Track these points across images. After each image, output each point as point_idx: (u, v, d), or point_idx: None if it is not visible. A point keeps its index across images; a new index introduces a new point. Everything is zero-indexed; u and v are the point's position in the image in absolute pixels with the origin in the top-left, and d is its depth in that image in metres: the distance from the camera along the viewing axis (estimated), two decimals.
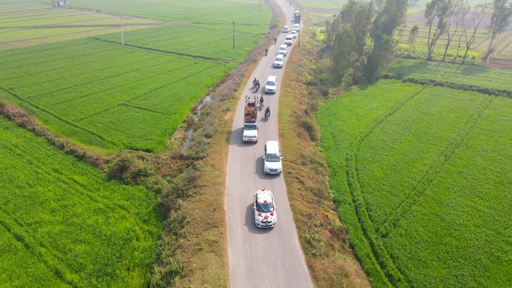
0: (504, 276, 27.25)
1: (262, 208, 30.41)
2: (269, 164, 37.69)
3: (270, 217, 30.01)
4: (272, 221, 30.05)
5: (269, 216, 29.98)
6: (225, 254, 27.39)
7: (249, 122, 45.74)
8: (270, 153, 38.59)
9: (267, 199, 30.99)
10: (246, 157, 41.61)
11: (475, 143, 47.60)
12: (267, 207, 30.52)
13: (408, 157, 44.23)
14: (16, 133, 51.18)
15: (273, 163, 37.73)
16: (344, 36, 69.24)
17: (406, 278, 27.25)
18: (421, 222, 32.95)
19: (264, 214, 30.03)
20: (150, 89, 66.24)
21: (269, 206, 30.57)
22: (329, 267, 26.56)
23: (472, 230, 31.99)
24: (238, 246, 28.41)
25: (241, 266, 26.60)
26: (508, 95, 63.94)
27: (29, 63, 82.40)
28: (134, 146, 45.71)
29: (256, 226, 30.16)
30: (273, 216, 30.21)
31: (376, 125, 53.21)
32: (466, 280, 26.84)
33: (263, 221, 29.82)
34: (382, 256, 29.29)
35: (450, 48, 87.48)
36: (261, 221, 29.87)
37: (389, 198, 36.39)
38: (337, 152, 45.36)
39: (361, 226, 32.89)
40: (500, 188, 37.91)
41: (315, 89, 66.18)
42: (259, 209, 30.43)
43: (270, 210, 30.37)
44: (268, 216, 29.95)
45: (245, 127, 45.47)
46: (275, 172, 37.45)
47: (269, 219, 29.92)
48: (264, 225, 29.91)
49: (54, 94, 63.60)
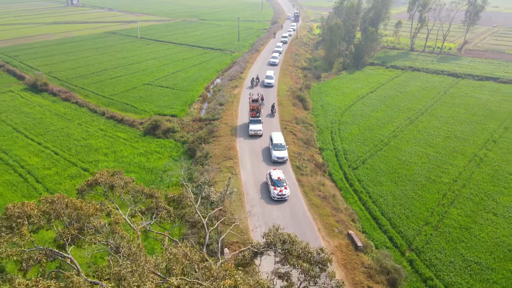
0: (435, 189, 38.53)
1: (276, 183, 34.38)
2: (276, 153, 40.75)
3: (285, 191, 33.99)
4: (286, 194, 34.00)
5: (283, 190, 33.97)
6: (239, 174, 38.79)
7: (254, 117, 48.52)
8: (276, 143, 41.52)
9: (280, 176, 35.14)
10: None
11: (436, 112, 58.90)
12: (280, 182, 34.43)
13: (381, 121, 55.52)
14: (62, 105, 62.67)
15: (280, 151, 40.87)
16: (335, 28, 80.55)
17: (366, 191, 38.54)
18: (383, 161, 44.23)
19: (278, 188, 34.00)
20: (168, 73, 77.70)
21: (283, 182, 34.55)
22: (312, 181, 37.96)
23: (419, 165, 43.30)
24: (247, 170, 39.83)
25: (250, 181, 37.98)
26: (472, 78, 75.20)
27: (59, 53, 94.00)
28: (162, 112, 57.15)
29: (272, 199, 34.30)
30: (286, 190, 34.09)
31: (358, 100, 64.48)
32: (408, 192, 38.13)
33: (279, 194, 33.76)
34: (351, 180, 40.61)
35: (430, 40, 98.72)
36: (277, 194, 33.82)
37: (361, 147, 47.68)
38: (325, 118, 56.70)
39: (338, 163, 44.25)
40: (447, 141, 49.20)
41: (309, 73, 77.45)
42: (273, 184, 34.39)
43: (283, 185, 34.27)
44: (282, 190, 33.94)
45: (250, 121, 48.31)
46: (282, 160, 40.68)
47: (283, 192, 33.91)
48: (279, 197, 33.70)
49: (88, 77, 75.16)
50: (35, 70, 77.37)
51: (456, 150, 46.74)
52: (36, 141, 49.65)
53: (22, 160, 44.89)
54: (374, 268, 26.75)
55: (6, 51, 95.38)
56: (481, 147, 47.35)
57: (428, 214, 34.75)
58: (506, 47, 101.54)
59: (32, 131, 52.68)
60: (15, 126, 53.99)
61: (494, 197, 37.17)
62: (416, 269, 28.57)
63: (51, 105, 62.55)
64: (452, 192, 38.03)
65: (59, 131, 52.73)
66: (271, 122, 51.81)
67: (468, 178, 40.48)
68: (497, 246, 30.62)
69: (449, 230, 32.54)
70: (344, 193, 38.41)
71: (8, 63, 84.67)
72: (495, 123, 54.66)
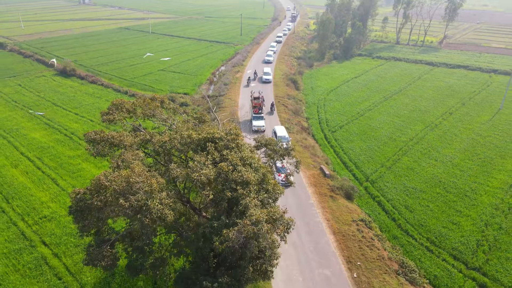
0: (394, 145, 48.95)
1: (281, 170, 36.88)
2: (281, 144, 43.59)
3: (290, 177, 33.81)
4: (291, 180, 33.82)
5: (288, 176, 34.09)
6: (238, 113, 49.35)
7: (257, 114, 50.93)
8: (280, 135, 44.03)
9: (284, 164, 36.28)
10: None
11: (408, 93, 69.31)
12: (284, 169, 36.62)
13: (360, 99, 65.98)
14: (90, 86, 73.54)
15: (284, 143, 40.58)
16: (326, 22, 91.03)
17: (340, 146, 49.01)
18: (357, 127, 54.68)
19: (283, 174, 35.80)
20: (179, 61, 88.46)
21: (286, 169, 35.96)
22: (297, 137, 48.54)
23: (385, 129, 53.76)
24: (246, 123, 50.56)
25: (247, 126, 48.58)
26: (446, 66, 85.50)
27: (80, 45, 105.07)
28: (176, 91, 67.88)
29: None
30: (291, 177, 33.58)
31: (343, 83, 74.95)
32: (373, 146, 48.56)
33: (283, 180, 34.77)
34: (329, 138, 51.17)
35: (414, 35, 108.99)
36: (281, 180, 35.23)
37: (341, 117, 58.14)
38: (313, 96, 67.24)
39: (320, 127, 54.79)
40: (412, 113, 59.59)
41: (303, 62, 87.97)
42: (278, 171, 36.81)
43: (287, 172, 34.66)
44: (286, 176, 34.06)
45: (253, 118, 50.66)
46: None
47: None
48: (284, 183, 34.44)
49: (109, 64, 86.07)
50: (62, 59, 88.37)
51: (417, 119, 57.20)
52: (73, 112, 60.48)
53: (65, 125, 55.68)
54: (336, 186, 37.32)
55: (32, 43, 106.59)
56: (438, 117, 57.78)
57: (385, 160, 45.26)
58: (484, 41, 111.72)
59: (68, 105, 63.51)
60: (54, 102, 64.91)
61: (438, 149, 47.63)
62: (368, 192, 39.12)
63: (80, 86, 73.45)
64: (407, 147, 48.52)
65: (91, 105, 63.55)
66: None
67: (422, 138, 50.95)
68: (431, 179, 41.09)
69: (398, 170, 43.04)
70: (322, 147, 49.00)
71: (37, 53, 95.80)
72: (455, 100, 65.02)
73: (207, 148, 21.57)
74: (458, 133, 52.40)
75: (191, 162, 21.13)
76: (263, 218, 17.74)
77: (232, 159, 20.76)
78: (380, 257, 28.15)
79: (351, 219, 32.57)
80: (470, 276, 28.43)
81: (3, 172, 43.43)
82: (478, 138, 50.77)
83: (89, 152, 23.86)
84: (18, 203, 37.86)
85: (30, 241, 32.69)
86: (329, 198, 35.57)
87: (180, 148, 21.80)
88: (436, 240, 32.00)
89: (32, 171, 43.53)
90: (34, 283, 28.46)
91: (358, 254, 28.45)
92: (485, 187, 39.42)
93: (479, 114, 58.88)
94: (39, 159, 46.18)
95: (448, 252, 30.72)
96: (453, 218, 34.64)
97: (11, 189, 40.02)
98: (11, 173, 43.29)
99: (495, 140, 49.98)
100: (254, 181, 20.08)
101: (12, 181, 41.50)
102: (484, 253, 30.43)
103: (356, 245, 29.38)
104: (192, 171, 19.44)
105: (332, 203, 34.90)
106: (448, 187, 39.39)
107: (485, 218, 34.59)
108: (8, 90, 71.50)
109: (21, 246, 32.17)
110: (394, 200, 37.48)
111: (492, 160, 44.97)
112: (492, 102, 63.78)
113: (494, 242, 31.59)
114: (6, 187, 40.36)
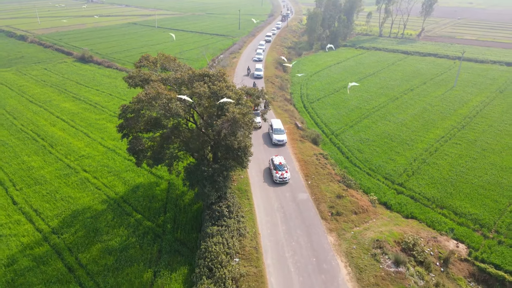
0: (359, 112, 60.17)
1: (278, 168, 37.71)
2: (277, 136, 45.62)
3: (286, 174, 37.14)
4: (287, 177, 37.11)
5: (284, 173, 37.18)
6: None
7: (253, 110, 49.13)
8: (276, 128, 46.55)
9: (282, 161, 38.40)
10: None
11: (380, 75, 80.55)
12: (282, 167, 37.77)
13: (338, 79, 77.22)
14: (106, 70, 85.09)
15: (280, 135, 45.80)
16: (314, 16, 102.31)
17: (315, 112, 60.30)
18: (331, 99, 65.90)
19: (280, 172, 37.29)
20: (183, 50, 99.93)
21: (284, 166, 37.88)
22: (280, 104, 59.82)
23: (354, 101, 64.95)
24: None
25: None
26: (418, 54, 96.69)
27: (94, 37, 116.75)
28: None
29: (274, 182, 37.54)
30: (287, 174, 37.21)
31: (326, 68, 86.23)
32: (342, 113, 59.70)
33: (280, 177, 36.94)
34: (307, 107, 62.43)
35: (395, 28, 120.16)
36: (279, 178, 37.02)
37: (319, 92, 69.38)
38: (297, 77, 78.55)
39: (301, 99, 66.09)
40: (379, 90, 70.73)
41: (293, 51, 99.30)
42: (275, 168, 37.80)
43: (284, 169, 37.61)
44: (284, 174, 37.17)
45: None
46: (282, 143, 45.36)
47: (284, 175, 37.11)
48: (281, 180, 36.76)
49: (121, 53, 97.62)
50: (80, 48, 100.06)
51: (383, 94, 68.46)
52: (94, 89, 72.04)
53: (89, 98, 67.18)
54: (305, 135, 48.65)
55: (50, 36, 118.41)
56: (401, 93, 69.01)
57: (349, 121, 56.51)
58: (459, 34, 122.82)
59: (90, 84, 75.06)
60: (77, 81, 76.50)
61: (393, 114, 58.87)
62: (332, 141, 50.38)
63: (98, 70, 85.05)
64: (368, 112, 59.76)
65: (108, 83, 75.09)
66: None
67: (383, 107, 62.18)
68: (382, 133, 52.31)
69: (358, 128, 54.29)
70: (301, 113, 60.32)
71: (55, 44, 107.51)
72: (418, 80, 76.25)
73: (204, 79, 33.03)
74: (414, 103, 63.67)
75: (195, 84, 32.52)
76: (237, 112, 29.24)
77: (220, 85, 32.15)
78: (329, 174, 39.48)
79: (312, 153, 43.91)
80: (393, 188, 39.76)
81: (45, 128, 54.94)
82: (428, 106, 62.03)
83: (129, 83, 35.19)
84: (60, 148, 49.28)
85: (74, 169, 44.10)
86: (299, 142, 46.92)
87: (187, 81, 33.19)
88: (375, 169, 43.30)
89: (68, 128, 55.03)
90: (81, 192, 39.86)
91: (313, 171, 39.80)
92: (422, 138, 50.69)
93: (435, 90, 70.10)
94: (72, 120, 57.69)
95: (381, 175, 42.03)
96: (391, 156, 45.95)
97: (53, 139, 51.46)
98: (51, 130, 54.76)
99: (441, 108, 61.22)
100: (233, 97, 31.42)
101: (53, 134, 52.97)
102: (407, 176, 41.72)
103: (313, 167, 40.72)
104: (195, 88, 30.88)
105: (300, 144, 46.25)
106: (394, 138, 50.69)
107: (415, 156, 45.89)
108: (36, 72, 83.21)
109: (68, 172, 43.58)
110: (350, 146, 48.76)
111: (434, 121, 56.23)
112: (449, 82, 74.99)
113: (417, 170, 42.87)
114: (49, 138, 51.82)
